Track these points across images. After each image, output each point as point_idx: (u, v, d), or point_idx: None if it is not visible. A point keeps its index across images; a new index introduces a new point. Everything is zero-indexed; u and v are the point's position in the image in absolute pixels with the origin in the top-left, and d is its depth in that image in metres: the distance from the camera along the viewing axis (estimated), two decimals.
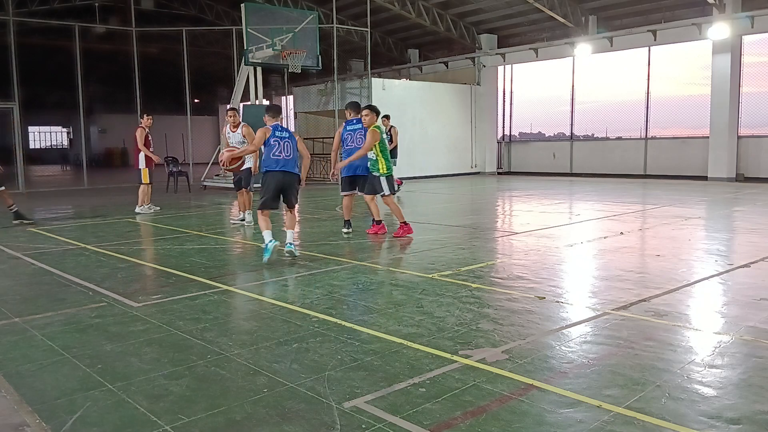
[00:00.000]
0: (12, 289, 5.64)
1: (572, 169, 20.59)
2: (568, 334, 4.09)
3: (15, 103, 16.82)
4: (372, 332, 4.12)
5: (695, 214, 10.21)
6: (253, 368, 3.51)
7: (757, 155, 16.71)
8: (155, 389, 3.25)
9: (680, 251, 7.04)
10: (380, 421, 2.82)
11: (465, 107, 21.96)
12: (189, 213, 11.73)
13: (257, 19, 15.29)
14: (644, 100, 18.67)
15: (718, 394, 3.10)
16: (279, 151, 6.58)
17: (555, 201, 13.01)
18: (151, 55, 24.38)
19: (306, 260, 6.79)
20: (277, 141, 6.58)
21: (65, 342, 4.04)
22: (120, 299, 5.13)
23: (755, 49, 16.70)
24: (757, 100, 16.75)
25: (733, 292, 5.22)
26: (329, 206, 12.61)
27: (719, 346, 3.79)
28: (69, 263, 6.76)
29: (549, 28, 20.71)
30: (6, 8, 17.25)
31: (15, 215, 9.93)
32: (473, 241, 8.01)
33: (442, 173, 20.84)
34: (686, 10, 17.59)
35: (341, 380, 3.31)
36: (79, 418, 2.92)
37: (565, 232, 8.79)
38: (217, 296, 5.21)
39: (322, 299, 5.03)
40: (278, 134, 6.61)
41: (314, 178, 21.19)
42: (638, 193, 14.25)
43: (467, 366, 3.48)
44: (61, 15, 21.34)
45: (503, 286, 5.45)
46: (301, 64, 15.46)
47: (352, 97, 19.67)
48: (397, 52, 25.56)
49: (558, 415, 2.87)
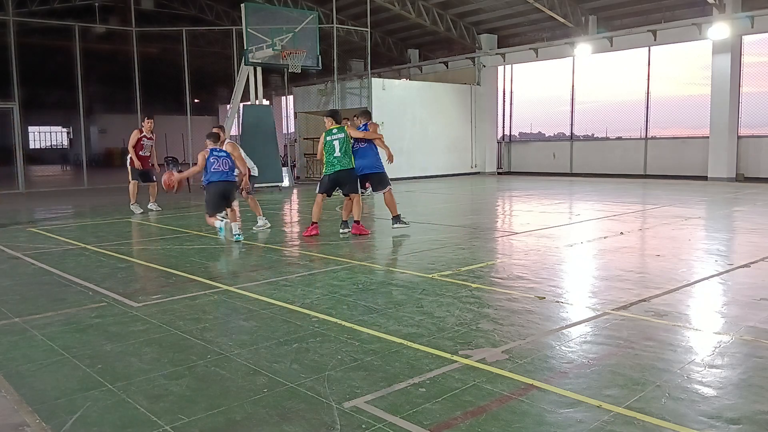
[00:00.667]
0: (12, 289, 5.64)
1: (572, 169, 20.59)
2: (568, 334, 4.09)
3: (15, 103, 16.82)
4: (372, 332, 4.12)
5: (695, 214, 10.21)
6: (253, 368, 3.51)
7: (757, 155, 16.71)
8: (155, 389, 3.25)
9: (680, 251, 7.04)
10: (380, 421, 2.82)
11: (465, 107, 21.96)
12: (189, 213, 11.73)
13: (257, 19, 15.29)
14: (644, 100, 18.67)
15: (718, 394, 3.10)
16: (218, 165, 8.12)
17: (555, 201, 13.01)
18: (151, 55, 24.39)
19: (306, 260, 6.79)
20: (216, 158, 8.14)
21: (65, 342, 4.04)
22: (120, 299, 5.13)
23: (755, 49, 16.71)
24: (757, 100, 16.75)
25: (733, 292, 5.22)
26: (330, 206, 12.60)
27: (719, 346, 3.79)
28: (69, 263, 6.76)
29: (549, 28, 20.71)
30: (6, 8, 17.25)
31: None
32: (473, 241, 8.01)
33: (442, 173, 20.83)
34: (686, 10, 17.59)
35: (341, 380, 3.31)
36: (79, 418, 2.92)
37: (565, 232, 8.78)
38: (217, 296, 5.21)
39: (322, 299, 5.03)
40: (216, 154, 8.19)
41: (314, 178, 21.21)
42: (638, 193, 14.24)
43: (467, 366, 3.48)
44: (61, 15, 21.33)
45: (503, 286, 5.45)
46: (301, 64, 15.45)
47: (353, 97, 19.69)
48: (397, 52, 25.56)
49: (558, 415, 2.87)
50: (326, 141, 8.47)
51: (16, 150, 17.33)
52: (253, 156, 15.70)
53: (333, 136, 8.44)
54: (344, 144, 8.39)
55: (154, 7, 23.88)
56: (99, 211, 12.14)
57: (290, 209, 12.58)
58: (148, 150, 11.77)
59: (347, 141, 8.42)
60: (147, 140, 11.72)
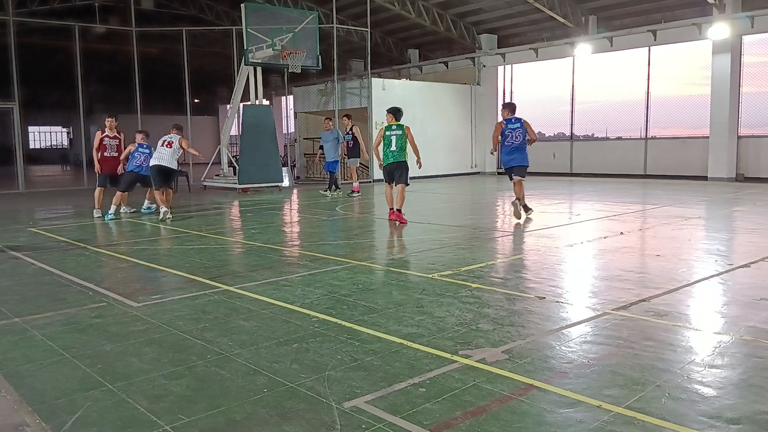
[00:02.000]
0: (12, 289, 5.64)
1: (572, 169, 20.58)
2: (568, 334, 4.09)
3: (15, 103, 16.82)
4: (372, 332, 4.12)
5: (695, 214, 10.21)
6: (253, 368, 3.51)
7: (757, 155, 16.70)
8: (155, 389, 3.25)
9: (680, 251, 7.04)
10: (380, 421, 2.82)
11: (465, 107, 21.96)
12: (189, 213, 11.73)
13: (257, 19, 15.27)
14: (644, 100, 18.65)
15: (718, 394, 3.10)
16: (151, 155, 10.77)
17: (555, 201, 13.01)
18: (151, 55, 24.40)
19: (306, 260, 6.79)
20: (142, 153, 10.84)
21: (65, 342, 4.04)
22: (120, 299, 5.13)
23: (755, 49, 16.69)
24: (757, 100, 16.74)
25: (733, 292, 5.22)
26: (330, 206, 12.61)
27: (719, 346, 3.79)
28: (69, 263, 6.76)
29: (549, 28, 20.71)
30: (6, 8, 17.24)
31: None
32: (473, 241, 8.01)
33: (442, 173, 20.82)
34: (686, 10, 17.58)
35: (341, 380, 3.31)
36: (79, 418, 2.92)
37: (565, 232, 8.79)
38: (217, 296, 5.21)
39: (322, 299, 5.03)
40: (141, 150, 10.84)
41: (314, 178, 21.21)
42: (638, 193, 14.24)
43: (467, 366, 3.48)
44: (61, 15, 21.34)
45: (503, 286, 5.45)
46: (301, 64, 15.44)
47: (353, 97, 19.68)
48: (397, 52, 25.56)
49: (558, 415, 2.87)
50: (385, 135, 9.52)
51: (16, 150, 17.33)
52: (253, 156, 15.84)
53: (392, 131, 9.48)
54: (400, 140, 9.39)
55: (154, 7, 23.87)
56: (99, 211, 12.12)
57: (290, 209, 12.58)
58: (114, 150, 11.16)
59: (403, 137, 9.41)
60: (110, 140, 11.13)
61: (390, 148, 9.44)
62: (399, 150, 9.41)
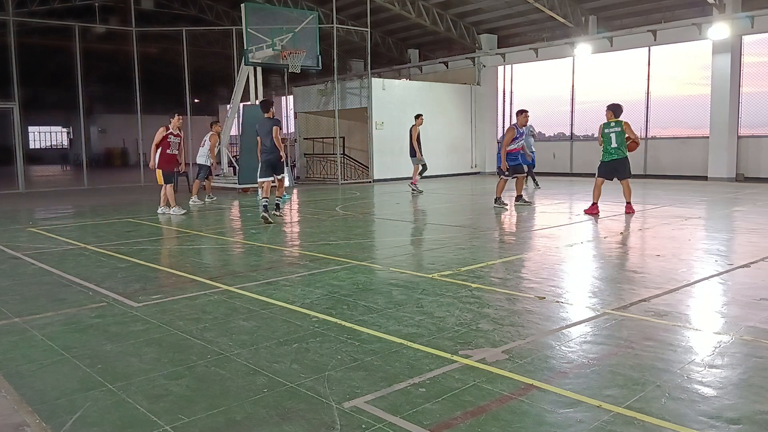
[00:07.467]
0: (12, 289, 5.64)
1: (572, 169, 20.58)
2: (568, 334, 4.09)
3: (15, 103, 16.82)
4: (372, 332, 4.12)
5: (695, 214, 10.21)
6: (253, 368, 3.51)
7: (757, 155, 16.70)
8: (155, 389, 3.24)
9: (680, 251, 7.04)
10: (380, 421, 2.82)
11: (465, 107, 21.96)
12: (189, 213, 11.72)
13: (257, 19, 15.28)
14: (644, 100, 18.66)
15: (718, 394, 3.10)
16: None
17: (555, 201, 13.01)
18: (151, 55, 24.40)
19: (306, 260, 6.79)
20: None
21: (65, 342, 4.04)
22: (120, 299, 5.13)
23: (755, 49, 16.69)
24: (757, 100, 16.74)
25: (733, 292, 5.22)
26: (330, 206, 12.61)
27: (719, 346, 3.79)
28: (69, 263, 6.76)
29: (549, 28, 20.70)
30: (6, 8, 17.25)
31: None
32: (473, 241, 8.01)
33: (443, 173, 20.81)
34: (686, 10, 17.58)
35: (341, 380, 3.31)
36: (79, 418, 2.92)
37: (565, 232, 8.79)
38: (217, 296, 5.21)
39: (322, 299, 5.03)
40: None
41: (314, 178, 21.21)
42: (638, 193, 14.20)
43: (467, 366, 3.48)
44: (61, 15, 21.35)
45: (503, 286, 5.45)
46: (301, 64, 15.45)
47: (352, 97, 19.68)
48: (397, 52, 25.56)
49: (558, 415, 2.87)
50: (604, 132, 9.70)
51: (16, 150, 17.33)
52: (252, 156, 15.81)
53: (611, 128, 9.65)
54: (620, 136, 9.56)
55: (154, 7, 23.88)
56: (99, 212, 12.14)
57: (290, 209, 12.56)
58: (176, 148, 11.14)
59: (623, 134, 9.56)
60: (174, 137, 11.09)
61: (611, 144, 9.64)
62: (620, 146, 9.60)
